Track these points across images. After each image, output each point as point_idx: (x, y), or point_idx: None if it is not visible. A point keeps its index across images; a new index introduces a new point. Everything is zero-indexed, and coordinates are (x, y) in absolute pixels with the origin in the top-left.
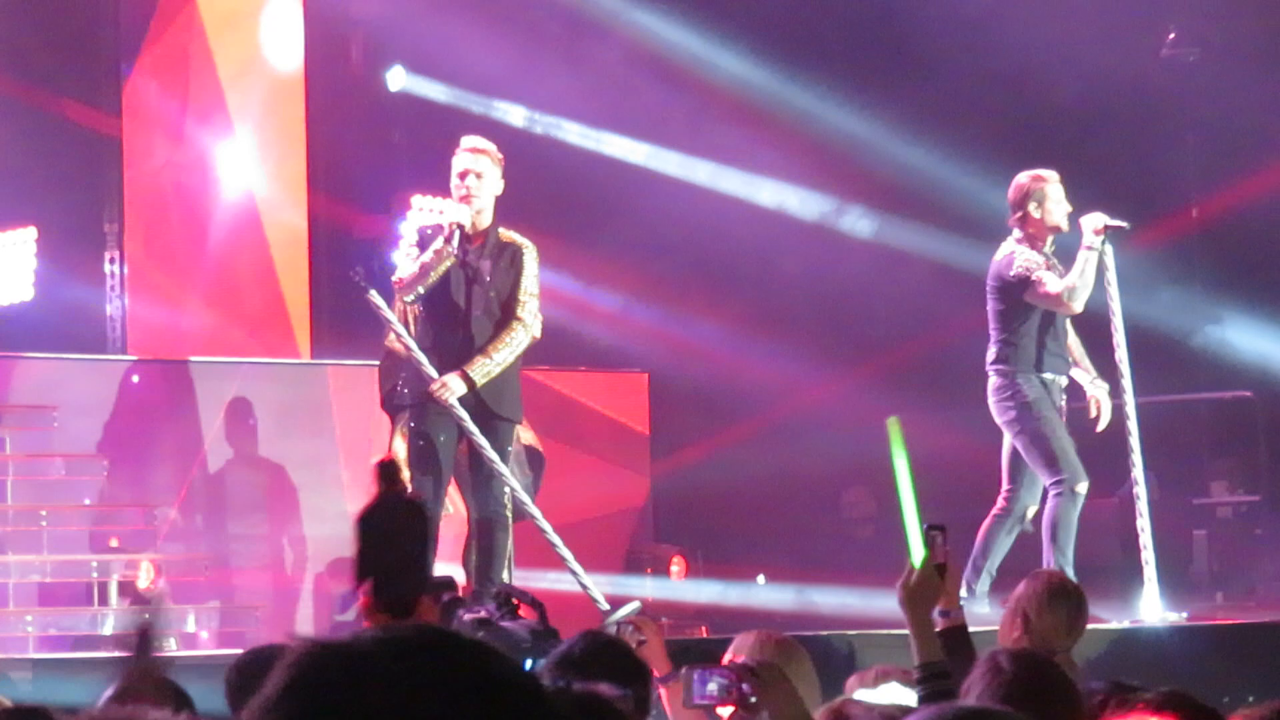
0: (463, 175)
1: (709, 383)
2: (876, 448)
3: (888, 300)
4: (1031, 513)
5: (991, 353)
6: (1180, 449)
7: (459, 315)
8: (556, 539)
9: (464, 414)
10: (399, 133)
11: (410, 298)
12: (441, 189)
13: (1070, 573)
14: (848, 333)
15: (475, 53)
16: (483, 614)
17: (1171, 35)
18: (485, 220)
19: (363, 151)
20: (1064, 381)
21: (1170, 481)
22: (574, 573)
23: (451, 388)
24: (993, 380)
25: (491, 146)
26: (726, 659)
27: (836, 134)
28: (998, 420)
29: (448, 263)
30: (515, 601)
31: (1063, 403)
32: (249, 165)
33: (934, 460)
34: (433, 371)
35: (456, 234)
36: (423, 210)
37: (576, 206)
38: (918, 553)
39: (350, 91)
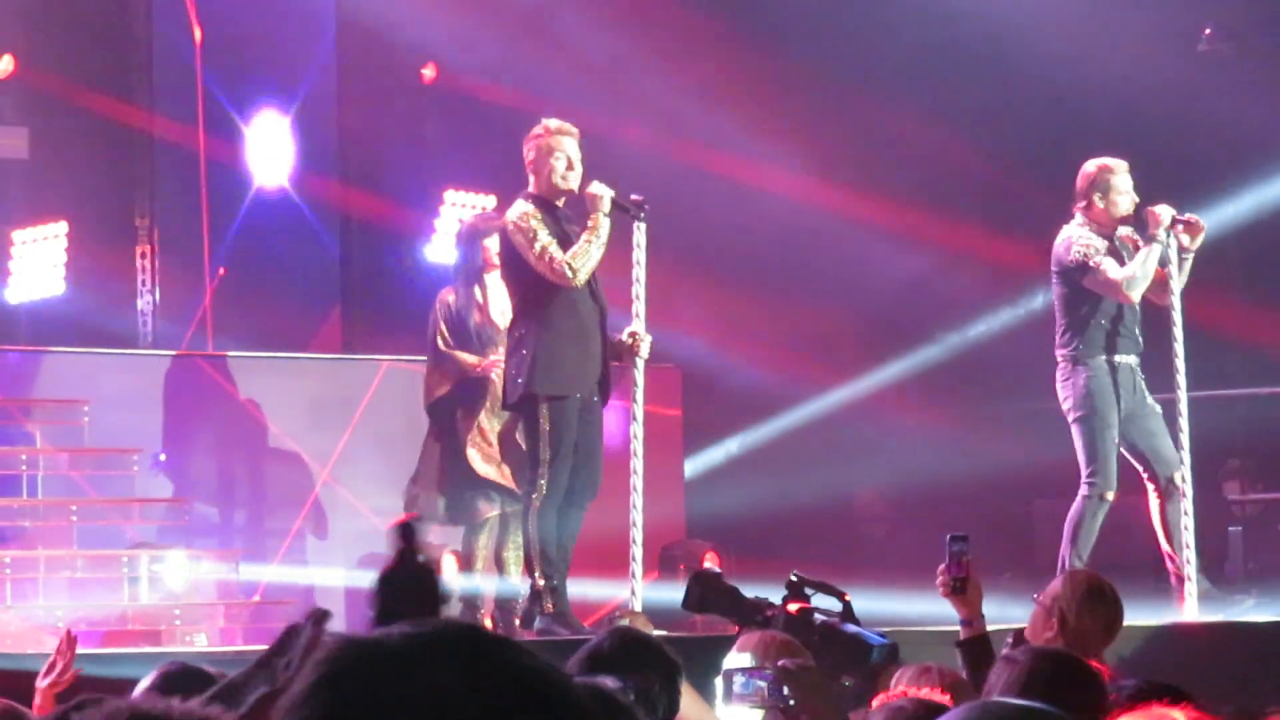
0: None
1: (743, 379)
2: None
3: (922, 300)
4: (1111, 495)
5: (1058, 338)
6: (1215, 445)
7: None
8: None
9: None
10: (433, 126)
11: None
12: (474, 183)
13: None
14: (877, 333)
15: (508, 46)
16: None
17: (1207, 31)
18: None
19: (397, 143)
20: (1135, 361)
21: (1204, 478)
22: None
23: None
24: (1060, 365)
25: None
26: (730, 657)
27: (875, 133)
28: (1062, 405)
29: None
30: (807, 592)
31: (1140, 380)
32: (282, 158)
33: (961, 456)
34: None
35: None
36: (455, 205)
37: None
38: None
39: (385, 82)
